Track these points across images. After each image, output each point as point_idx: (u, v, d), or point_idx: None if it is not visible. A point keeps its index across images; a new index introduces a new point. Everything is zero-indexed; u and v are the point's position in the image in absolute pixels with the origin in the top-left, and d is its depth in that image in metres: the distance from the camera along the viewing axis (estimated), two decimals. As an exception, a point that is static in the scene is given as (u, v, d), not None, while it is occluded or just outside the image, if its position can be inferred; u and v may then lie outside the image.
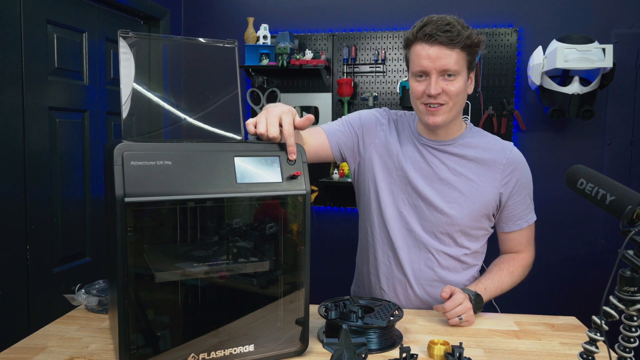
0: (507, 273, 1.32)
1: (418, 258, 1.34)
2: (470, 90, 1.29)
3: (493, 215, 1.34)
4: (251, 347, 0.94)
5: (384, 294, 1.39)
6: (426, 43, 1.18)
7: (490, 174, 1.30)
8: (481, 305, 1.23)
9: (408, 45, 1.25)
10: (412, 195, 1.33)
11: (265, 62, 2.82)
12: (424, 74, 1.21)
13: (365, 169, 1.39)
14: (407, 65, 1.29)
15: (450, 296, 1.18)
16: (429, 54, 1.18)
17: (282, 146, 0.97)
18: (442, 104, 1.21)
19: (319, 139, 1.36)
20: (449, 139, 1.32)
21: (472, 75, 1.27)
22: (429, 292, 1.35)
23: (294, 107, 1.01)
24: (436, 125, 1.24)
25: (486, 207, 1.31)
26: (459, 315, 1.16)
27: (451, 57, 1.18)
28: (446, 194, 1.30)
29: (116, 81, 2.41)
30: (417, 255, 1.34)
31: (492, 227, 1.38)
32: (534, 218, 1.36)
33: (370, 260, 1.42)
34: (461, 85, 1.21)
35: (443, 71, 1.19)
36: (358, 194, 1.46)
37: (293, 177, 0.94)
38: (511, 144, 1.35)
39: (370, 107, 2.82)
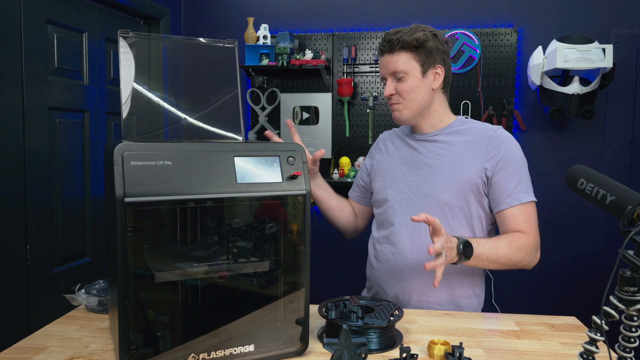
0: (506, 241, 1.26)
1: (413, 262, 1.35)
2: (436, 85, 1.37)
3: (485, 193, 1.34)
4: (251, 347, 0.94)
5: (384, 294, 1.40)
6: (380, 55, 1.39)
7: (473, 152, 1.34)
8: (469, 254, 1.17)
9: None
10: (403, 190, 1.40)
11: (265, 62, 2.82)
12: (384, 81, 1.39)
13: (373, 193, 1.53)
14: None
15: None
16: (381, 63, 1.39)
17: (282, 146, 0.97)
18: (397, 103, 1.37)
19: (356, 207, 1.61)
20: (435, 130, 1.41)
21: (437, 69, 1.36)
22: (430, 294, 1.36)
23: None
24: (399, 121, 1.40)
25: (471, 182, 1.32)
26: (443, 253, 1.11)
27: (396, 61, 1.34)
28: (432, 178, 1.36)
29: (116, 81, 2.41)
30: (412, 259, 1.35)
31: (491, 211, 1.37)
32: (529, 199, 1.31)
33: (374, 266, 1.46)
34: (413, 83, 1.34)
35: (393, 74, 1.35)
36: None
37: (293, 177, 0.94)
38: (498, 126, 1.39)
39: (370, 107, 2.84)
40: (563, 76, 2.51)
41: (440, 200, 1.34)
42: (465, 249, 1.17)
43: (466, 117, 1.48)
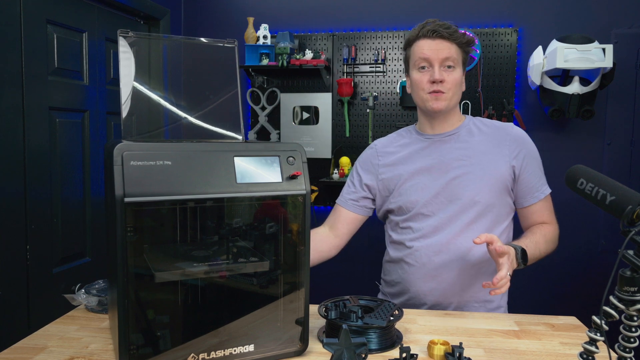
0: (541, 235, 1.33)
1: (451, 264, 1.33)
2: (464, 87, 1.40)
3: (512, 189, 1.37)
4: (251, 347, 0.94)
5: (422, 298, 1.37)
6: (429, 38, 1.32)
7: (498, 150, 1.35)
8: (526, 261, 1.23)
9: (410, 44, 1.38)
10: (429, 195, 1.35)
11: (265, 62, 2.82)
12: (426, 65, 1.33)
13: (384, 201, 1.46)
14: (407, 64, 1.41)
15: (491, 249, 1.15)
16: (431, 47, 1.32)
17: (282, 146, 0.97)
18: (443, 92, 1.32)
19: (344, 216, 1.50)
20: (452, 129, 1.40)
21: (464, 76, 1.39)
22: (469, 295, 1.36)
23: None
24: (439, 110, 1.34)
25: (502, 181, 1.34)
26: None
27: (451, 49, 1.32)
28: (461, 179, 1.34)
29: (116, 81, 2.41)
30: (449, 261, 1.33)
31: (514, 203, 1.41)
32: (549, 190, 1.40)
33: (407, 270, 1.39)
34: (459, 77, 1.34)
35: (445, 60, 1.31)
36: (385, 219, 1.51)
37: (293, 177, 0.94)
38: (510, 123, 1.42)
39: (370, 107, 2.84)
40: (563, 76, 2.51)
41: (472, 201, 1.32)
42: (524, 258, 1.22)
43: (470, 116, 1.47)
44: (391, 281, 1.45)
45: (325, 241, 1.48)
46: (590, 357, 0.69)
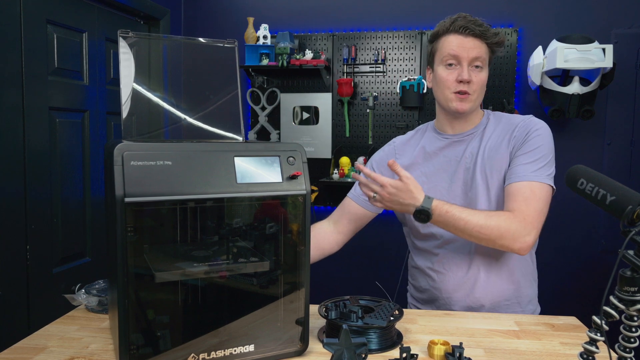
0: (480, 211, 1.21)
1: (478, 267, 1.31)
2: (485, 89, 1.34)
3: None
4: (251, 347, 0.94)
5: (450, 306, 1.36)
6: (460, 34, 1.27)
7: (506, 147, 1.28)
8: (426, 215, 1.16)
9: (437, 37, 1.32)
10: (448, 199, 1.31)
11: (265, 62, 2.82)
12: (454, 63, 1.27)
13: None
14: (431, 57, 1.34)
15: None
16: (461, 44, 1.26)
17: (282, 146, 0.97)
18: (469, 93, 1.27)
19: (352, 212, 1.45)
20: (469, 129, 1.35)
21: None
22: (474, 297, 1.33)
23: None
24: (464, 111, 1.29)
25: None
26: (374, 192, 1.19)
27: (482, 49, 1.27)
28: (476, 179, 1.29)
29: (116, 81, 2.41)
30: (476, 264, 1.31)
31: None
32: (537, 179, 1.21)
33: (435, 278, 1.37)
34: (485, 78, 1.29)
35: (474, 59, 1.26)
36: (405, 223, 1.47)
37: (293, 177, 0.94)
38: (529, 115, 1.34)
39: (370, 107, 2.84)
40: (563, 76, 2.51)
41: (487, 201, 1.28)
42: (421, 212, 1.16)
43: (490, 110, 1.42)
44: (419, 287, 1.43)
45: (328, 238, 1.45)
46: (590, 357, 0.69)
